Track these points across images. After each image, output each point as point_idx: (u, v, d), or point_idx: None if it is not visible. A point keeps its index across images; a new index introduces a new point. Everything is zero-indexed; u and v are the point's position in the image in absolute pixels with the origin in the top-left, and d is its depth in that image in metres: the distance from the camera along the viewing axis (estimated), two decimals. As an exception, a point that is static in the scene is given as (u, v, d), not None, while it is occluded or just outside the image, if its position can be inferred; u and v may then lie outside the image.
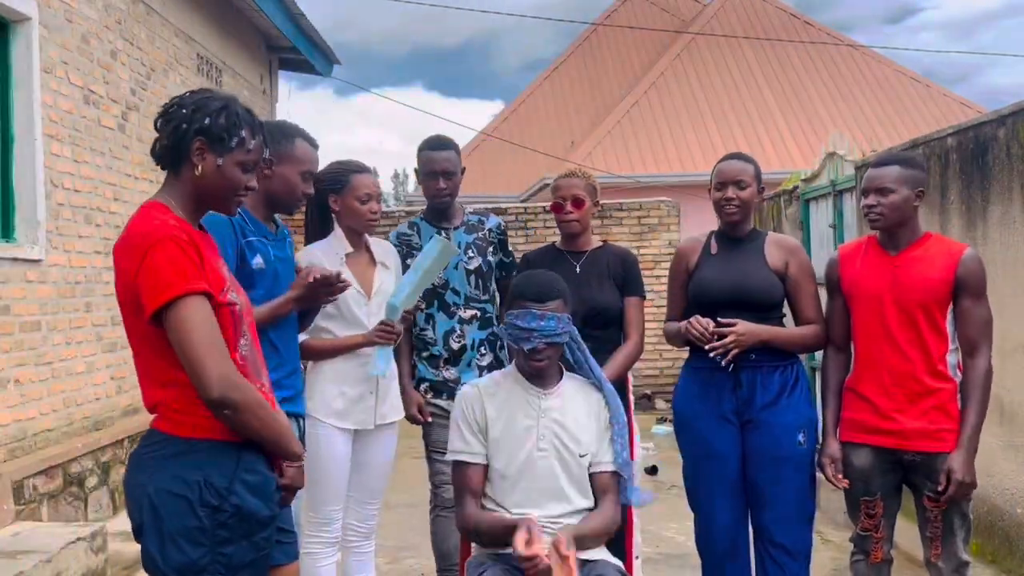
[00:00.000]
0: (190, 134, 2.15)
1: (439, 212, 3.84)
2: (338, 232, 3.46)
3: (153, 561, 2.08)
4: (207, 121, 2.15)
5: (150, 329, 2.06)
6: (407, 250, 3.77)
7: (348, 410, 3.36)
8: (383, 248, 3.63)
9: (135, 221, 2.11)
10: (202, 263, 2.06)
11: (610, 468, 2.84)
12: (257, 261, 2.85)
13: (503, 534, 2.66)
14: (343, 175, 3.43)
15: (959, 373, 3.06)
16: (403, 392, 3.67)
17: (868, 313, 3.11)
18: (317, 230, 3.52)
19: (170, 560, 2.05)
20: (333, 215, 3.48)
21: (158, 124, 2.21)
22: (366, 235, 3.54)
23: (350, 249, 3.44)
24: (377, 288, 3.46)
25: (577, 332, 2.93)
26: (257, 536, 2.14)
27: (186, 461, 2.08)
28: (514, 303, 2.81)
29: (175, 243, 2.03)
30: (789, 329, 3.31)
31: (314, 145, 3.09)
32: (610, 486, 2.84)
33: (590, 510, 2.80)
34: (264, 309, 2.85)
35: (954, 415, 3.03)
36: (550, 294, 2.78)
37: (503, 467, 2.79)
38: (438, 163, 3.74)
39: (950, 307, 3.04)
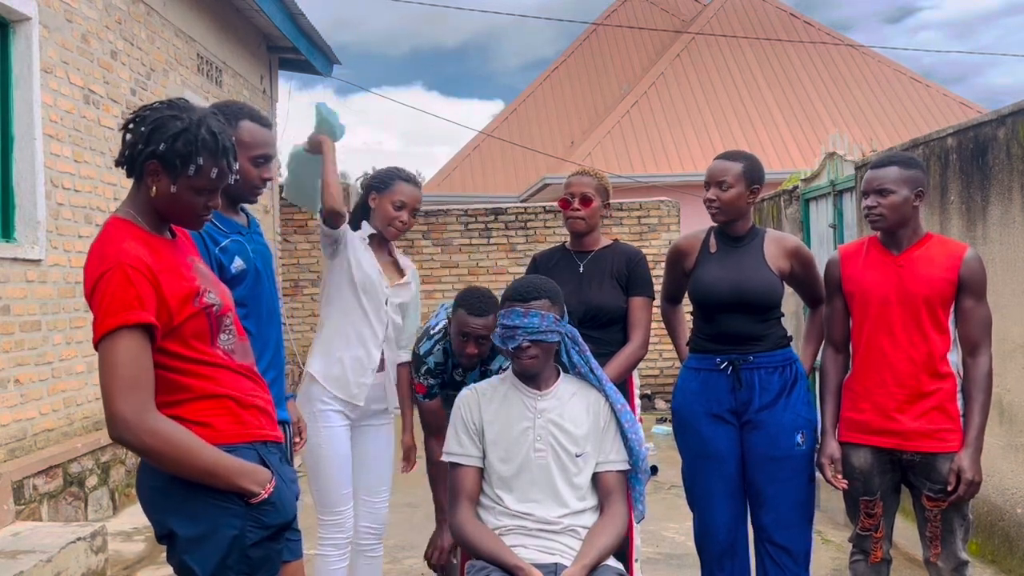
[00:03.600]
0: (144, 155, 2.08)
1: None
2: (364, 225, 3.51)
3: (186, 565, 2.08)
4: (161, 146, 2.06)
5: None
6: (442, 380, 3.68)
7: (344, 377, 3.38)
8: (408, 264, 3.67)
9: (96, 242, 2.09)
10: (157, 286, 2.03)
11: (616, 468, 2.84)
12: (236, 264, 2.72)
13: (497, 566, 2.66)
14: (391, 178, 3.50)
15: (959, 371, 3.07)
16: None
17: (871, 312, 3.11)
18: (355, 225, 3.54)
19: (207, 565, 2.06)
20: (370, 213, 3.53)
21: (123, 134, 2.14)
22: (391, 244, 3.60)
23: (373, 232, 3.49)
24: (402, 282, 3.54)
25: (576, 333, 2.93)
26: (277, 536, 2.17)
27: None
28: (503, 306, 2.85)
29: (123, 271, 1.99)
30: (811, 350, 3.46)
31: (265, 125, 2.85)
32: (616, 487, 2.84)
33: (588, 510, 2.80)
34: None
35: (953, 415, 3.03)
36: (533, 293, 2.81)
37: (501, 468, 2.79)
38: (471, 328, 3.46)
39: (952, 306, 3.05)
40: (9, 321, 5.04)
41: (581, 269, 3.59)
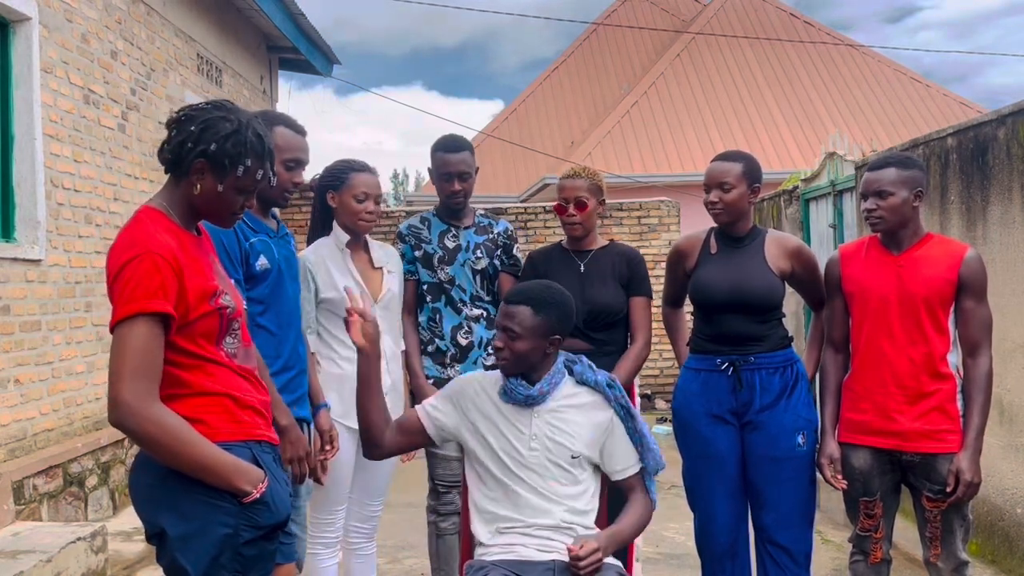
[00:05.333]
0: (193, 154, 2.11)
1: (452, 212, 3.83)
2: (336, 228, 3.45)
3: (177, 563, 2.08)
4: (213, 146, 2.10)
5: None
6: (416, 242, 3.77)
7: (348, 410, 3.32)
8: (386, 253, 3.61)
9: (127, 228, 2.10)
10: (181, 279, 2.04)
11: (630, 473, 2.83)
12: (261, 263, 2.82)
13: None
14: (343, 172, 3.42)
15: (960, 372, 3.07)
16: (419, 390, 3.64)
17: (871, 312, 3.11)
18: (319, 228, 3.51)
19: (199, 565, 2.06)
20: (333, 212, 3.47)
21: (169, 131, 2.17)
22: (366, 237, 3.54)
23: (348, 238, 3.43)
24: (384, 293, 3.47)
25: (576, 357, 2.90)
26: (271, 535, 2.17)
27: None
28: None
29: (151, 259, 2.01)
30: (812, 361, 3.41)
31: (299, 132, 3.00)
32: (635, 485, 2.84)
33: (588, 511, 2.79)
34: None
35: (953, 415, 3.03)
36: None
37: (496, 469, 2.78)
38: (452, 165, 3.69)
39: (952, 307, 3.05)
40: (9, 321, 5.04)
41: (582, 268, 3.58)
